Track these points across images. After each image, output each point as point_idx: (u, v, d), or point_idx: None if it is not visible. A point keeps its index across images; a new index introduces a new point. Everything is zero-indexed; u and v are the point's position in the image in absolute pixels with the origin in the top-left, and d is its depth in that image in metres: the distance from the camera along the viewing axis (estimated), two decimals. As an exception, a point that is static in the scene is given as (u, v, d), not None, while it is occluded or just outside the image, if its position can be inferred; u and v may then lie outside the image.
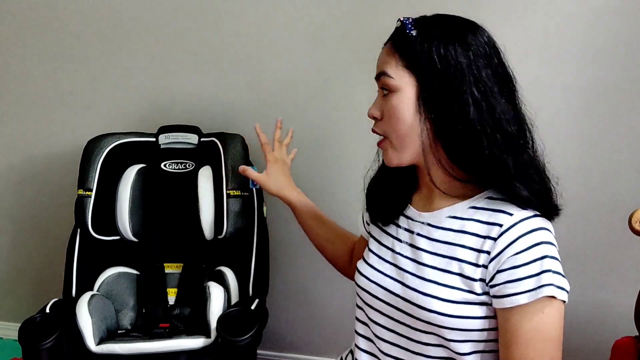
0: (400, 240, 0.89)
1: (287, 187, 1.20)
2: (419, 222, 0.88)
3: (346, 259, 1.16)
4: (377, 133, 0.86)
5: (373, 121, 0.88)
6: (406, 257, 0.87)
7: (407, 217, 0.90)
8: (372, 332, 0.91)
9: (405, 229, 0.90)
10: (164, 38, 1.59)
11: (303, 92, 1.55)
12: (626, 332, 1.05)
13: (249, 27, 1.53)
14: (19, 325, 1.25)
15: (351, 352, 1.03)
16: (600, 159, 1.39)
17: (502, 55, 0.82)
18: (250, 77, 1.57)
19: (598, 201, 1.41)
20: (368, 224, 1.03)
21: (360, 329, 0.94)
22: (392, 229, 0.92)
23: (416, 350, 0.85)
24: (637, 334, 1.02)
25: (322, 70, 1.52)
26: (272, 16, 1.50)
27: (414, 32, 0.81)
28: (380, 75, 0.83)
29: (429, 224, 0.87)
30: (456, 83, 0.78)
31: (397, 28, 0.84)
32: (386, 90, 0.82)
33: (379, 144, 0.87)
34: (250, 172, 1.22)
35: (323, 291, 1.73)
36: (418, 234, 0.87)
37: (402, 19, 0.83)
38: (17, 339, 1.23)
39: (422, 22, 0.82)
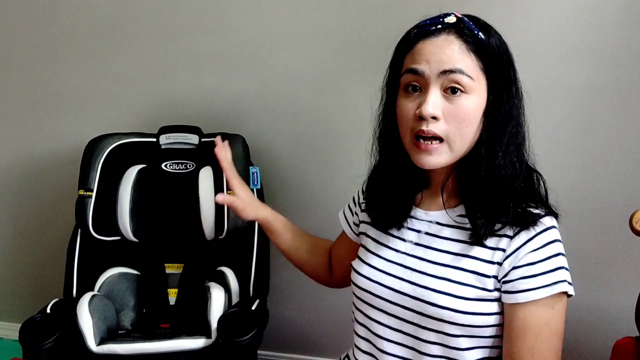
0: (404, 240, 0.89)
1: (261, 208, 1.10)
2: (425, 221, 0.88)
3: (326, 268, 1.14)
4: (432, 135, 0.78)
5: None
6: (414, 256, 0.87)
7: (412, 217, 0.90)
8: (373, 333, 0.91)
9: (409, 228, 0.89)
10: (165, 38, 1.59)
11: (304, 92, 1.55)
12: (627, 332, 1.05)
13: (250, 27, 1.53)
14: (20, 325, 1.25)
15: (347, 356, 1.03)
16: (600, 159, 1.39)
17: None
18: (251, 78, 1.57)
19: (599, 201, 1.41)
20: (357, 225, 1.03)
21: (360, 330, 0.94)
22: (393, 229, 0.91)
23: (420, 350, 0.85)
24: (638, 334, 1.02)
25: (323, 70, 1.52)
26: (273, 16, 1.50)
27: (482, 35, 0.78)
28: (453, 72, 0.75)
29: (437, 223, 0.87)
30: (519, 97, 0.82)
31: (456, 24, 0.78)
32: (457, 89, 0.76)
33: (427, 147, 0.78)
34: (228, 199, 1.06)
35: (323, 291, 1.72)
36: (427, 233, 0.87)
37: (458, 15, 0.79)
38: (17, 339, 1.23)
39: (478, 23, 0.80)
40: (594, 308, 1.48)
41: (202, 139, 1.51)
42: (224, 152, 1.06)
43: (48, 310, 1.32)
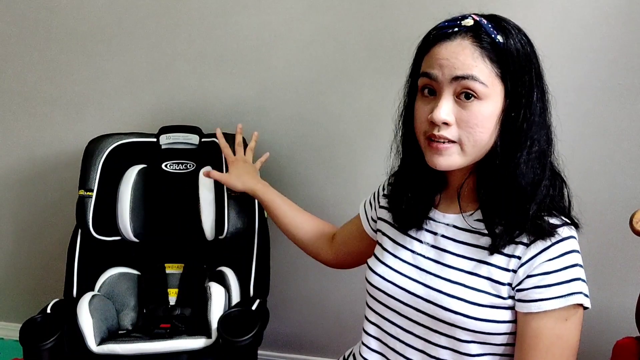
0: (421, 242, 0.88)
1: (250, 181, 1.29)
2: (443, 223, 0.87)
3: (326, 250, 1.16)
4: (444, 139, 0.77)
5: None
6: (429, 258, 0.86)
7: (429, 219, 0.89)
8: (385, 332, 0.90)
9: (427, 230, 0.89)
10: (164, 38, 1.59)
11: (304, 93, 1.55)
12: (627, 332, 1.05)
13: (251, 27, 1.53)
14: (20, 325, 1.25)
15: (353, 354, 1.02)
16: (601, 159, 1.39)
17: None
18: (251, 78, 1.57)
19: (599, 201, 1.41)
20: (375, 221, 1.03)
21: (370, 329, 0.94)
22: (411, 230, 0.90)
23: (430, 353, 0.85)
24: (638, 334, 1.02)
25: (324, 70, 1.52)
26: (274, 17, 1.50)
27: (500, 38, 0.76)
28: (465, 79, 0.74)
29: (454, 226, 0.86)
30: (543, 104, 0.80)
31: (473, 27, 0.76)
32: (471, 95, 0.75)
33: (438, 147, 0.78)
34: (214, 173, 1.35)
35: (324, 291, 1.73)
36: (443, 236, 0.86)
37: (476, 18, 0.77)
38: (18, 339, 1.23)
39: (499, 26, 0.77)
40: (595, 308, 1.47)
41: (202, 139, 1.51)
42: (222, 138, 1.40)
43: (48, 311, 1.31)
